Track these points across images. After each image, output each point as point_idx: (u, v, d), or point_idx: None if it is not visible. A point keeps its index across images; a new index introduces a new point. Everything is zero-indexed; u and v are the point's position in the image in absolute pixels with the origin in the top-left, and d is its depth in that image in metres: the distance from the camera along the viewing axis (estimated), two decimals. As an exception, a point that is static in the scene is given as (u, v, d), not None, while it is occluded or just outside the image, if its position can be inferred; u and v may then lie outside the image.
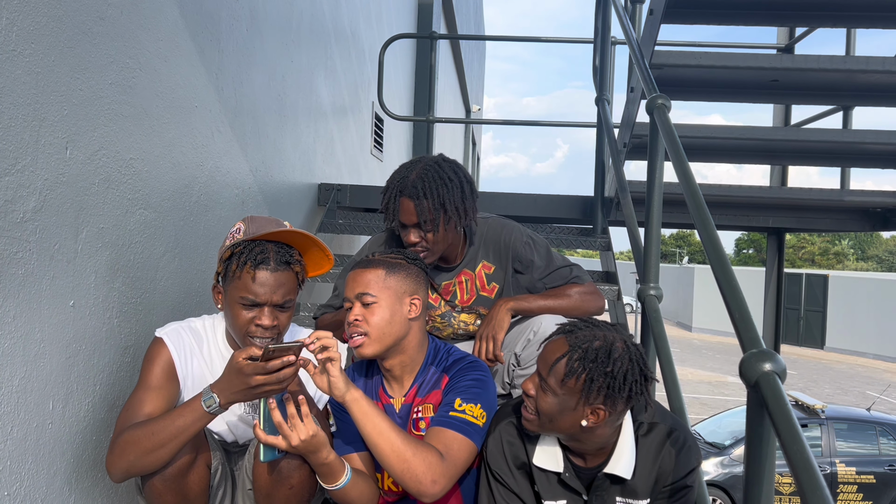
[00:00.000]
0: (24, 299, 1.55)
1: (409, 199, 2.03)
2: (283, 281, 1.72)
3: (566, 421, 1.55)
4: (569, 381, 1.52)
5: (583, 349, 1.52)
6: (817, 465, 1.02)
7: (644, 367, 1.54)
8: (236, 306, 1.71)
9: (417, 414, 1.83)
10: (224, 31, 2.60)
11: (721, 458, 9.46)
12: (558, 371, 1.54)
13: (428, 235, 2.06)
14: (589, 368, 1.50)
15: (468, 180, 2.11)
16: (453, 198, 2.04)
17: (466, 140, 15.53)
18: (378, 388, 1.90)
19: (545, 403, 1.56)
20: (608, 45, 3.93)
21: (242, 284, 1.69)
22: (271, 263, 1.71)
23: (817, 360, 23.90)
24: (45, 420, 1.65)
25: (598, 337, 1.55)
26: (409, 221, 2.06)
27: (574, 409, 1.54)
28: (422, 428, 1.82)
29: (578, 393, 1.52)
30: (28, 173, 1.54)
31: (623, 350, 1.53)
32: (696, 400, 16.53)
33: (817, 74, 2.87)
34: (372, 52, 5.42)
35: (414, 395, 1.85)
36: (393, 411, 1.86)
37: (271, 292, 1.70)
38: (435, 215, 2.03)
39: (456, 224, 2.08)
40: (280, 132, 3.33)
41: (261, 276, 1.69)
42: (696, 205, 1.77)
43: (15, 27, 1.47)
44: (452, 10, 9.86)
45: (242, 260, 1.70)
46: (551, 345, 1.60)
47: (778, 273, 4.88)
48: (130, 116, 1.96)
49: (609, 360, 1.51)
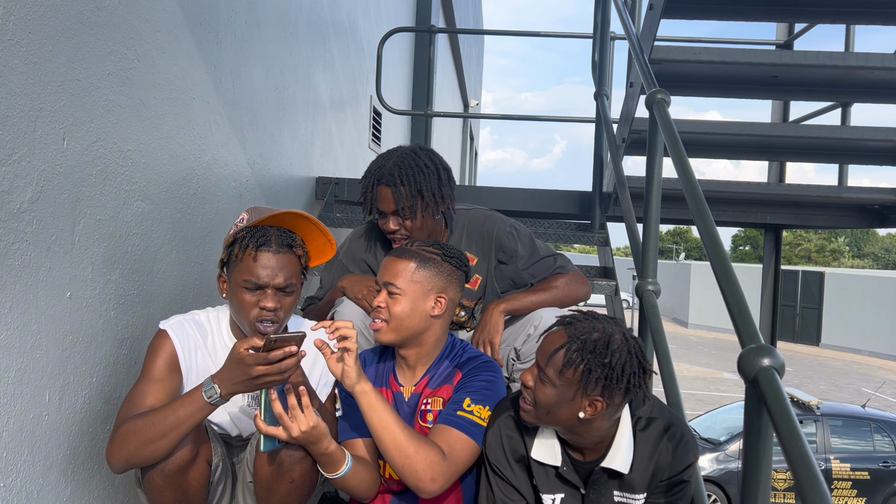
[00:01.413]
0: (21, 290, 1.55)
1: (386, 186, 2.06)
2: (284, 263, 1.73)
3: (564, 412, 1.55)
4: (567, 371, 1.52)
5: (581, 340, 1.53)
6: (815, 460, 1.02)
7: (642, 360, 1.55)
8: (240, 290, 1.72)
9: (426, 406, 1.84)
10: (222, 23, 2.59)
11: (716, 453, 9.50)
12: (556, 362, 1.54)
13: (406, 223, 2.08)
14: (587, 359, 1.51)
15: (444, 167, 2.13)
16: (430, 184, 2.07)
17: (464, 135, 15.52)
18: (390, 374, 1.91)
19: (543, 395, 1.56)
20: (607, 40, 3.92)
21: (245, 267, 1.70)
22: (273, 245, 1.72)
23: (813, 356, 23.97)
24: (41, 412, 1.65)
25: (597, 329, 1.55)
26: (388, 209, 2.08)
27: (572, 401, 1.54)
28: (429, 420, 1.83)
29: (576, 384, 1.52)
30: (25, 164, 1.53)
31: (622, 342, 1.53)
32: (692, 396, 16.58)
33: (816, 71, 2.86)
34: (370, 46, 5.40)
35: (424, 386, 1.86)
36: (402, 399, 1.87)
37: (273, 274, 1.71)
38: (412, 202, 2.05)
39: (433, 210, 2.10)
40: (278, 125, 3.32)
41: (263, 257, 1.70)
42: (696, 200, 1.77)
43: (12, 16, 1.46)
44: (451, 4, 9.84)
45: (245, 244, 1.72)
46: (550, 336, 1.60)
47: (775, 270, 4.89)
48: (128, 107, 1.95)
49: (607, 352, 1.51)
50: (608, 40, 3.93)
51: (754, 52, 2.84)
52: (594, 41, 4.08)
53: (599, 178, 3.78)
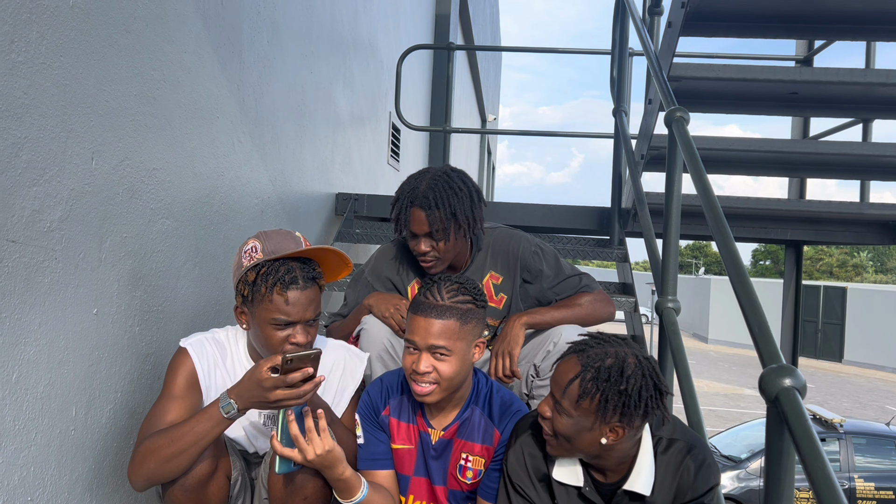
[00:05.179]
0: (50, 307, 1.58)
1: (420, 209, 2.05)
2: (312, 297, 1.72)
3: (585, 440, 1.54)
4: (583, 402, 1.50)
5: (595, 368, 1.50)
6: (838, 482, 1.01)
7: (658, 381, 1.53)
8: (268, 328, 1.70)
9: (466, 462, 1.81)
10: (246, 42, 2.64)
11: (737, 471, 9.37)
12: (572, 393, 1.52)
13: (439, 244, 2.08)
14: (602, 388, 1.48)
15: (476, 189, 2.14)
16: (463, 207, 2.07)
17: (482, 149, 15.56)
18: (418, 410, 1.85)
19: (561, 425, 1.54)
20: (626, 56, 3.93)
21: (274, 307, 1.68)
22: (300, 283, 1.70)
23: (835, 373, 23.63)
24: (67, 426, 1.68)
25: (610, 354, 1.52)
26: (421, 231, 2.08)
27: (591, 429, 1.52)
28: (468, 477, 1.81)
29: (594, 413, 1.50)
30: (55, 183, 1.57)
31: (635, 366, 1.51)
32: (712, 412, 16.40)
33: (837, 87, 2.86)
34: (389, 63, 5.46)
35: (454, 433, 1.82)
36: (428, 441, 1.83)
37: (303, 311, 1.70)
38: (446, 224, 2.05)
39: (466, 232, 2.11)
40: (299, 142, 3.36)
41: (292, 296, 1.68)
42: (715, 218, 1.77)
43: (45, 40, 1.51)
44: (469, 20, 9.91)
45: (271, 283, 1.69)
46: (563, 365, 1.57)
47: (796, 285, 4.85)
48: (154, 127, 1.99)
49: (622, 378, 1.48)
50: (626, 57, 3.94)
51: (773, 69, 2.84)
52: (612, 58, 4.09)
53: (618, 193, 3.78)
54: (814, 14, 2.87)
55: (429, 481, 1.85)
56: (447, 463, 1.83)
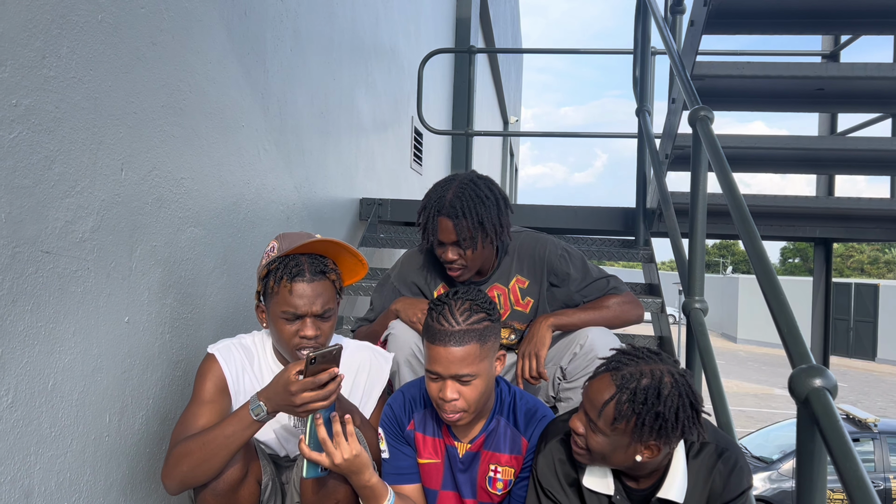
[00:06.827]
0: (83, 316, 1.61)
1: (447, 218, 2.04)
2: (320, 291, 1.75)
3: (619, 457, 1.52)
4: (619, 424, 1.47)
5: (630, 390, 1.46)
6: (871, 484, 1.00)
7: (694, 401, 1.49)
8: (279, 321, 1.75)
9: (495, 473, 1.81)
10: (269, 51, 2.67)
11: (769, 472, 9.23)
12: (607, 415, 1.48)
13: (466, 253, 2.08)
14: (639, 411, 1.45)
15: (503, 196, 2.13)
16: (490, 215, 2.06)
17: (504, 151, 15.54)
18: (442, 425, 1.84)
19: (595, 443, 1.52)
20: (648, 56, 3.90)
21: (282, 299, 1.73)
22: (307, 274, 1.73)
23: (868, 371, 23.20)
24: (101, 433, 1.71)
25: (645, 373, 1.48)
26: (448, 240, 2.08)
27: (627, 448, 1.50)
28: (498, 488, 1.80)
29: (630, 434, 1.48)
30: (87, 195, 1.60)
31: (672, 385, 1.47)
32: (743, 413, 16.19)
33: (864, 82, 2.81)
34: (411, 68, 5.48)
35: (481, 445, 1.81)
36: (455, 455, 1.82)
37: (310, 303, 1.73)
38: (473, 233, 2.04)
39: (493, 240, 2.10)
40: (323, 148, 3.39)
41: (298, 288, 1.72)
42: (742, 218, 1.75)
43: (75, 55, 1.54)
44: (490, 23, 9.91)
45: (279, 275, 1.73)
46: (597, 384, 1.53)
47: (826, 283, 4.77)
48: (181, 137, 2.03)
49: (659, 401, 1.45)
50: (649, 56, 3.92)
51: (800, 66, 2.80)
52: (635, 57, 4.07)
53: (643, 194, 3.76)
54: (840, 9, 2.83)
55: (457, 495, 1.84)
56: (475, 475, 1.82)
